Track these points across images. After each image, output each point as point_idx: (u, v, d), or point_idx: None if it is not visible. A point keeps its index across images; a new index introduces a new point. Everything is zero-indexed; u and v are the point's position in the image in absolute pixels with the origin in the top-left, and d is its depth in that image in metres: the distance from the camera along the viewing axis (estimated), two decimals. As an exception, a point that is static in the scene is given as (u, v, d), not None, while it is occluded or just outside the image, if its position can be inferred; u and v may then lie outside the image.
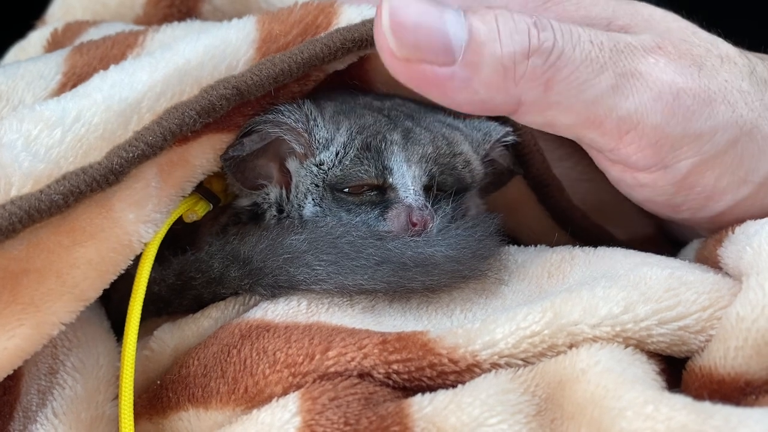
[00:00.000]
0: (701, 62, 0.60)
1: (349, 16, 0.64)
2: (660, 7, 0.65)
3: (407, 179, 0.63)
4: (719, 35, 0.64)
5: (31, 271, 0.55)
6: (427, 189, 0.65)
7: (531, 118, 0.60)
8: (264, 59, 0.61)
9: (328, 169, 0.64)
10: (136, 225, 0.59)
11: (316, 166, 0.64)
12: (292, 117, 0.63)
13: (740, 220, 0.62)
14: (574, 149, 0.69)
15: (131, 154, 0.57)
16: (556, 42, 0.57)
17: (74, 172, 0.55)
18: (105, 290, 0.60)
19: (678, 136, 0.59)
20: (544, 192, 0.71)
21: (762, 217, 0.62)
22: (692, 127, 0.59)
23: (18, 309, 0.55)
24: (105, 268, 0.58)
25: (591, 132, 0.59)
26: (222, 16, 0.79)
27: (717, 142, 0.60)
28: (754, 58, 0.64)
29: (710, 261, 0.61)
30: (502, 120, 0.68)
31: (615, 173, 0.63)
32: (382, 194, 0.64)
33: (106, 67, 0.62)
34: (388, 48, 0.55)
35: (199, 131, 0.61)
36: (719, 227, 0.64)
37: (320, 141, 0.64)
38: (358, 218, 0.63)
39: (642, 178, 0.62)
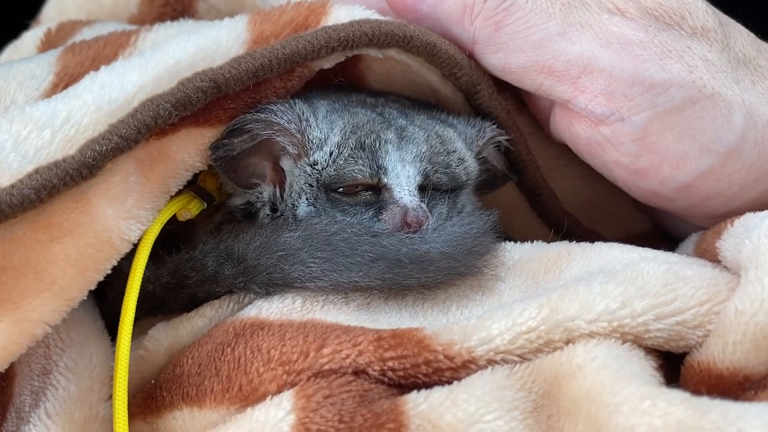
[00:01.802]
0: (667, 26, 0.62)
1: (338, 15, 0.63)
2: None
3: (402, 179, 0.63)
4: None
5: (8, 268, 0.55)
6: (422, 188, 0.64)
7: (487, 59, 0.65)
8: (244, 53, 0.61)
9: (322, 169, 0.63)
10: (116, 221, 0.58)
11: (310, 166, 0.64)
12: (285, 117, 0.63)
13: (711, 197, 0.64)
14: (567, 147, 0.69)
15: (105, 147, 0.56)
16: None
17: (46, 167, 0.55)
18: (99, 289, 0.60)
19: (628, 81, 0.61)
20: (537, 200, 0.71)
21: (731, 195, 0.63)
22: (642, 74, 0.61)
23: None
24: (85, 265, 0.58)
25: (545, 77, 0.64)
26: (217, 14, 0.79)
27: (672, 97, 0.61)
28: (742, 39, 0.65)
29: (709, 254, 0.61)
30: (498, 125, 0.68)
31: (583, 131, 0.65)
32: (376, 194, 0.64)
33: (97, 68, 0.61)
34: None
35: (177, 124, 0.60)
36: (694, 205, 0.65)
37: (314, 141, 0.63)
38: (352, 219, 0.63)
39: (604, 131, 0.63)
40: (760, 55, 0.65)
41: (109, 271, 0.59)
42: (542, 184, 0.70)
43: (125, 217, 0.59)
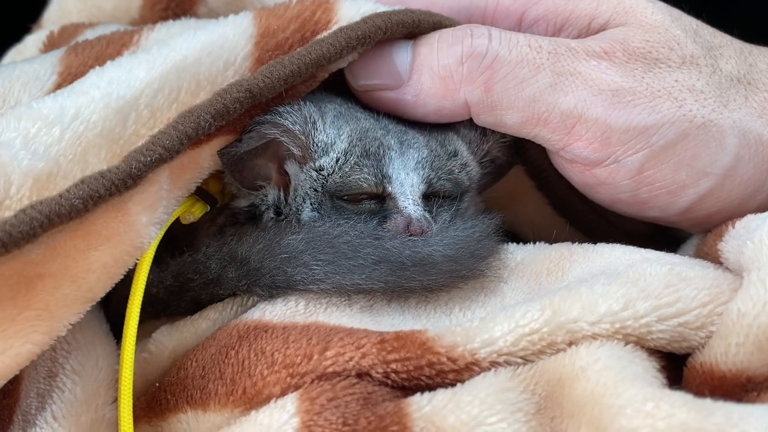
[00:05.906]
0: (654, 63, 0.63)
1: (347, 12, 0.64)
2: None
3: (406, 188, 0.63)
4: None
5: (46, 276, 0.55)
6: (426, 197, 0.64)
7: (483, 119, 0.64)
8: (274, 61, 0.62)
9: (328, 175, 0.63)
10: (148, 228, 0.59)
11: (316, 171, 0.64)
12: (290, 119, 0.63)
13: (713, 215, 0.64)
14: None
15: (149, 158, 0.57)
16: (490, 46, 0.62)
17: (93, 176, 0.55)
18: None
19: (622, 127, 0.62)
20: (543, 177, 0.71)
21: (732, 209, 0.64)
22: (635, 120, 0.62)
23: (32, 315, 0.55)
24: (117, 271, 0.58)
25: (541, 129, 0.63)
26: (217, 17, 0.79)
27: (665, 135, 0.62)
28: (734, 58, 0.65)
29: (710, 256, 0.61)
30: None
31: (576, 175, 0.66)
32: (380, 203, 0.64)
33: (102, 66, 0.61)
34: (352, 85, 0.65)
35: (212, 134, 0.61)
36: (697, 224, 0.66)
37: (319, 145, 0.64)
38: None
39: (599, 174, 0.64)
40: (753, 68, 0.65)
41: None
42: (546, 162, 0.70)
43: (154, 223, 0.60)
